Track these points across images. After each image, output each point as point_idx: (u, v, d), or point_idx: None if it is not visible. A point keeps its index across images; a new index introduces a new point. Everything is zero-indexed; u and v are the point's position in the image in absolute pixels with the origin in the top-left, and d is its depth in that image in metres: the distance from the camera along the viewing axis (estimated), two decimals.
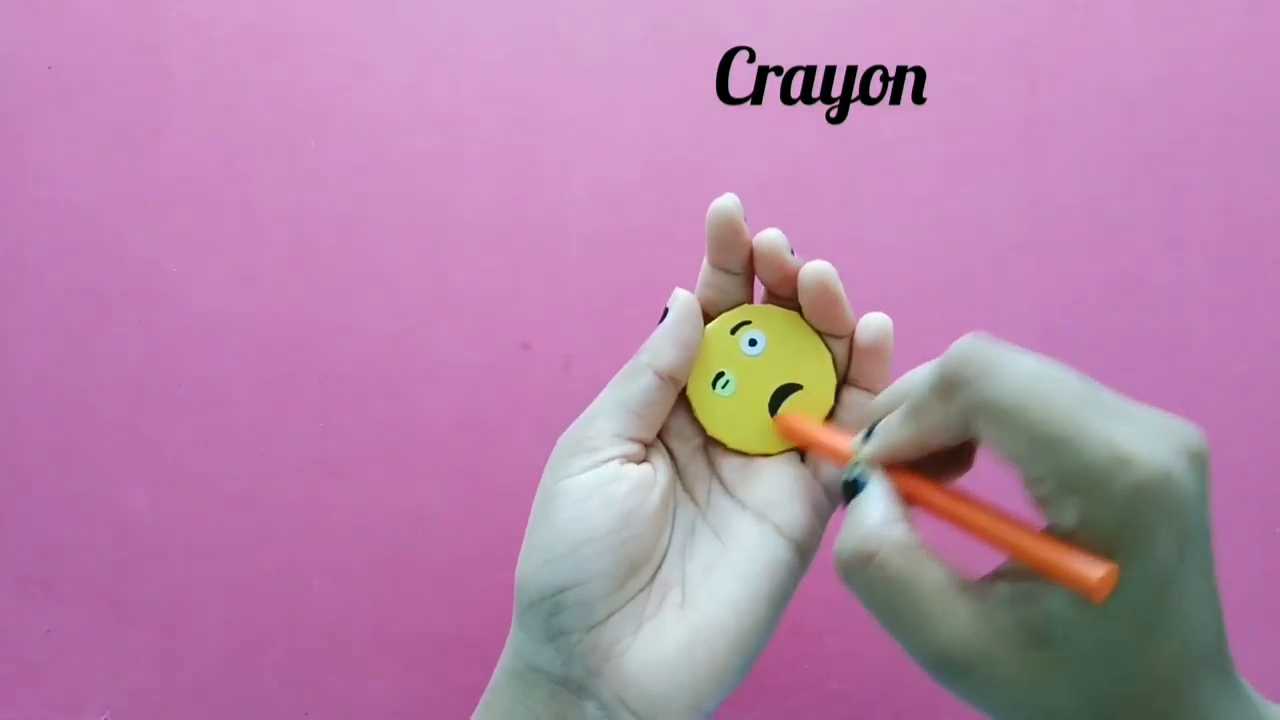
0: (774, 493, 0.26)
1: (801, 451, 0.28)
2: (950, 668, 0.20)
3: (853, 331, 0.27)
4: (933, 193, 0.45)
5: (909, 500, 0.23)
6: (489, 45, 0.46)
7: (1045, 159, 0.45)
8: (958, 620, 0.20)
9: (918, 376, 0.23)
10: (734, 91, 0.46)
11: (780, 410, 0.27)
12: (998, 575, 0.21)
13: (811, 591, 0.36)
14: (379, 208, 0.45)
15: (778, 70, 0.46)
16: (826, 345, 0.27)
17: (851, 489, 0.23)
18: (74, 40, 0.46)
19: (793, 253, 0.26)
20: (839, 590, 0.22)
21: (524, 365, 0.44)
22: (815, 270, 0.25)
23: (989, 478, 0.23)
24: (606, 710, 0.24)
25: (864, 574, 0.21)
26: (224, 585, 0.44)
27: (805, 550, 0.26)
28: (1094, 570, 0.18)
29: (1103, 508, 0.18)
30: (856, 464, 0.24)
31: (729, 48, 0.46)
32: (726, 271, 0.27)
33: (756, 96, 0.46)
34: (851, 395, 0.27)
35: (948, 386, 0.21)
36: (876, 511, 0.22)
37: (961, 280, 0.44)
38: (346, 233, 0.45)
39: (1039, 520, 0.20)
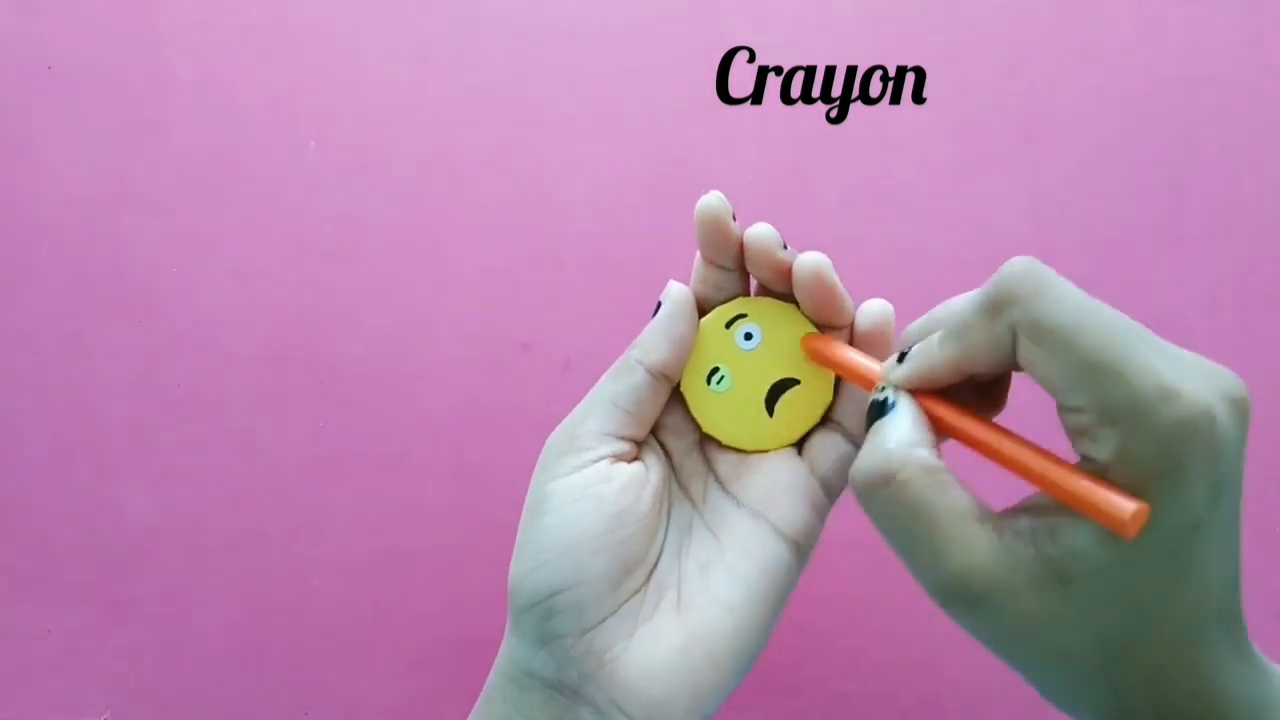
0: (771, 490, 0.26)
1: (799, 448, 0.27)
2: (963, 597, 0.20)
3: (851, 322, 0.26)
4: (933, 193, 0.45)
5: (937, 429, 0.22)
6: (489, 45, 0.46)
7: (1045, 159, 0.45)
8: (976, 549, 0.19)
9: (958, 301, 0.22)
10: (734, 92, 0.46)
11: (780, 402, 0.27)
12: (1022, 509, 0.20)
13: (814, 591, 0.36)
14: (379, 208, 0.45)
15: (778, 70, 0.45)
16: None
17: (877, 410, 0.22)
18: (74, 40, 0.46)
19: (785, 247, 0.25)
20: (841, 590, 0.22)
21: (524, 365, 0.44)
22: (809, 262, 0.25)
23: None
24: (602, 715, 0.24)
25: (882, 494, 0.20)
26: (224, 585, 0.44)
27: (804, 548, 0.26)
28: (1128, 505, 0.17)
29: (1143, 441, 0.18)
30: (886, 386, 0.23)
31: (729, 48, 0.46)
32: (719, 268, 0.26)
33: (756, 96, 0.46)
34: (847, 391, 0.27)
35: (998, 304, 0.20)
36: (901, 432, 0.21)
37: (961, 280, 0.44)
38: (346, 233, 0.45)
39: (1071, 457, 0.20)
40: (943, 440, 0.23)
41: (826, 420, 0.27)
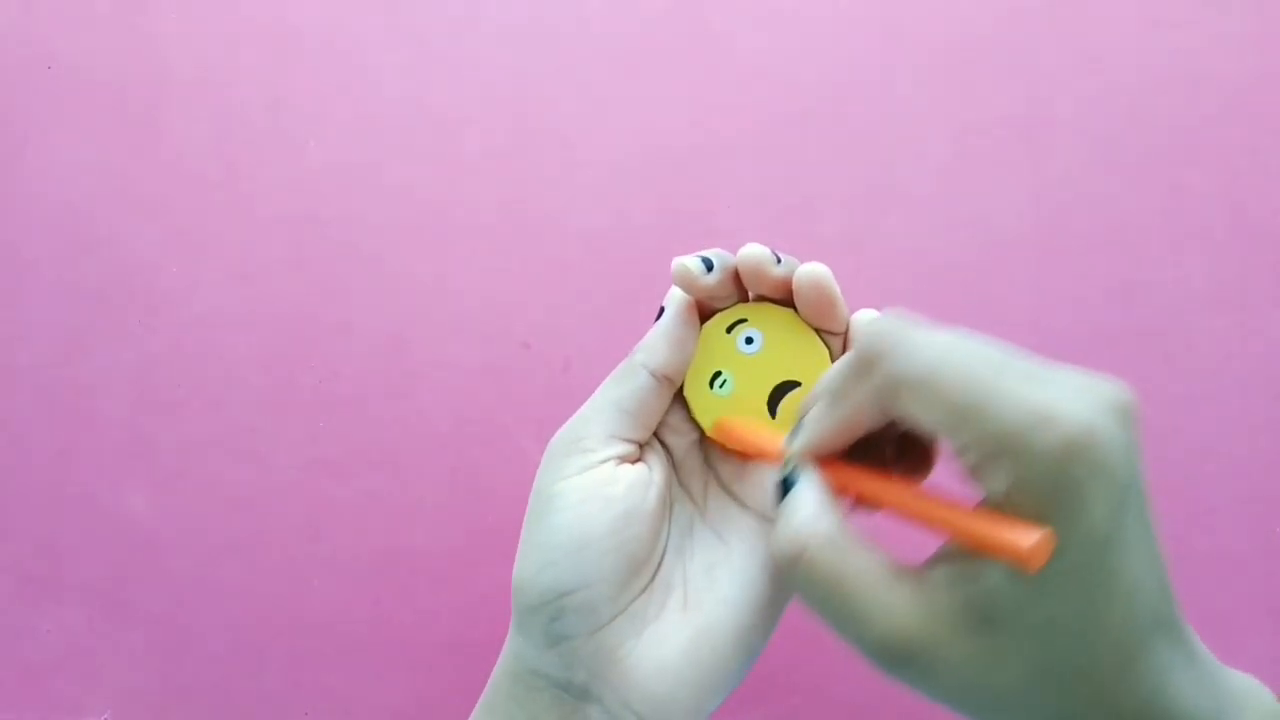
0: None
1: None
2: (893, 657, 0.20)
3: (846, 328, 0.27)
4: (933, 192, 0.45)
5: (843, 493, 0.22)
6: (489, 45, 0.46)
7: (1045, 158, 0.45)
8: (896, 608, 0.20)
9: (835, 366, 0.23)
10: (734, 91, 0.46)
11: (782, 404, 0.27)
12: (935, 560, 0.21)
13: None
14: (379, 208, 0.45)
15: (777, 70, 0.46)
16: (824, 342, 0.27)
17: (783, 489, 0.23)
18: (74, 40, 0.46)
19: (779, 261, 0.25)
20: None
21: (524, 365, 0.44)
22: (810, 273, 0.25)
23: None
24: (610, 714, 0.24)
25: (797, 572, 0.21)
26: (224, 585, 0.44)
27: None
28: (1027, 537, 0.18)
29: (1030, 470, 0.18)
30: (788, 462, 0.23)
31: (729, 48, 0.46)
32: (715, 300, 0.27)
33: (756, 96, 0.46)
34: None
35: (863, 365, 0.20)
36: (804, 507, 0.21)
37: (961, 280, 0.44)
38: (346, 233, 0.45)
39: (975, 497, 0.20)
40: (873, 508, 0.23)
41: None
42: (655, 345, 0.26)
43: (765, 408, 0.27)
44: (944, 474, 0.23)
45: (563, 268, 0.45)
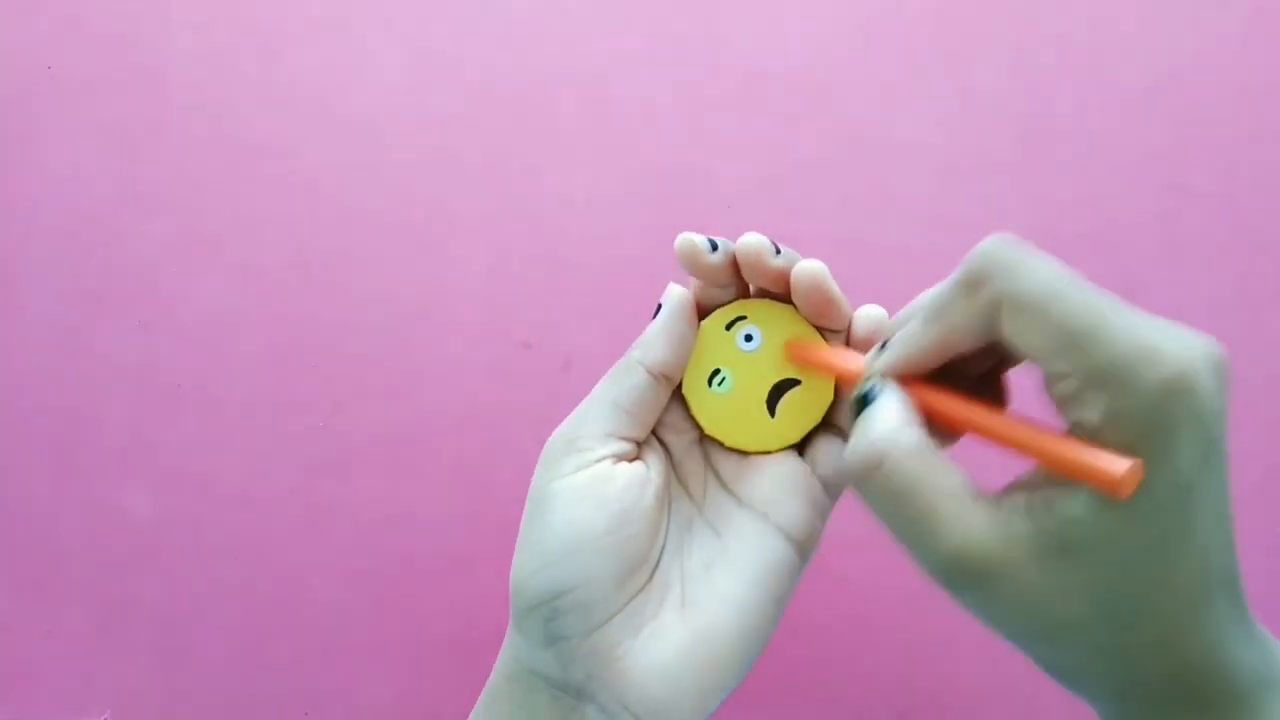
0: (774, 490, 0.26)
1: (800, 448, 0.28)
2: (963, 575, 0.19)
3: (846, 325, 0.26)
4: (933, 193, 0.45)
5: (926, 414, 0.22)
6: (489, 46, 0.46)
7: (1045, 159, 0.45)
8: (972, 526, 0.19)
9: (935, 287, 0.23)
10: (734, 92, 0.46)
11: (781, 402, 0.27)
12: (1015, 486, 0.20)
13: (812, 592, 0.36)
14: (379, 208, 0.45)
15: (777, 71, 0.46)
16: (824, 339, 0.27)
17: (862, 403, 0.22)
18: (74, 40, 0.46)
19: (778, 252, 0.25)
20: (840, 590, 0.22)
21: (524, 365, 0.44)
22: (807, 270, 0.25)
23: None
24: (607, 714, 0.24)
25: (874, 481, 0.20)
26: (224, 585, 0.44)
27: (806, 548, 0.26)
28: (1120, 463, 0.17)
29: (1130, 402, 0.18)
30: (869, 378, 0.23)
31: (728, 48, 0.46)
32: (716, 287, 0.27)
33: (756, 96, 0.46)
34: (851, 389, 0.27)
35: (974, 281, 0.20)
36: (887, 418, 0.21)
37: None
38: (346, 233, 0.45)
39: (1060, 427, 0.20)
40: (948, 439, 0.23)
41: (828, 421, 0.27)
42: (653, 342, 0.26)
43: (764, 406, 0.27)
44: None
45: (563, 268, 0.45)
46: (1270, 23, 0.45)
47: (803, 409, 0.27)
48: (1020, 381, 0.24)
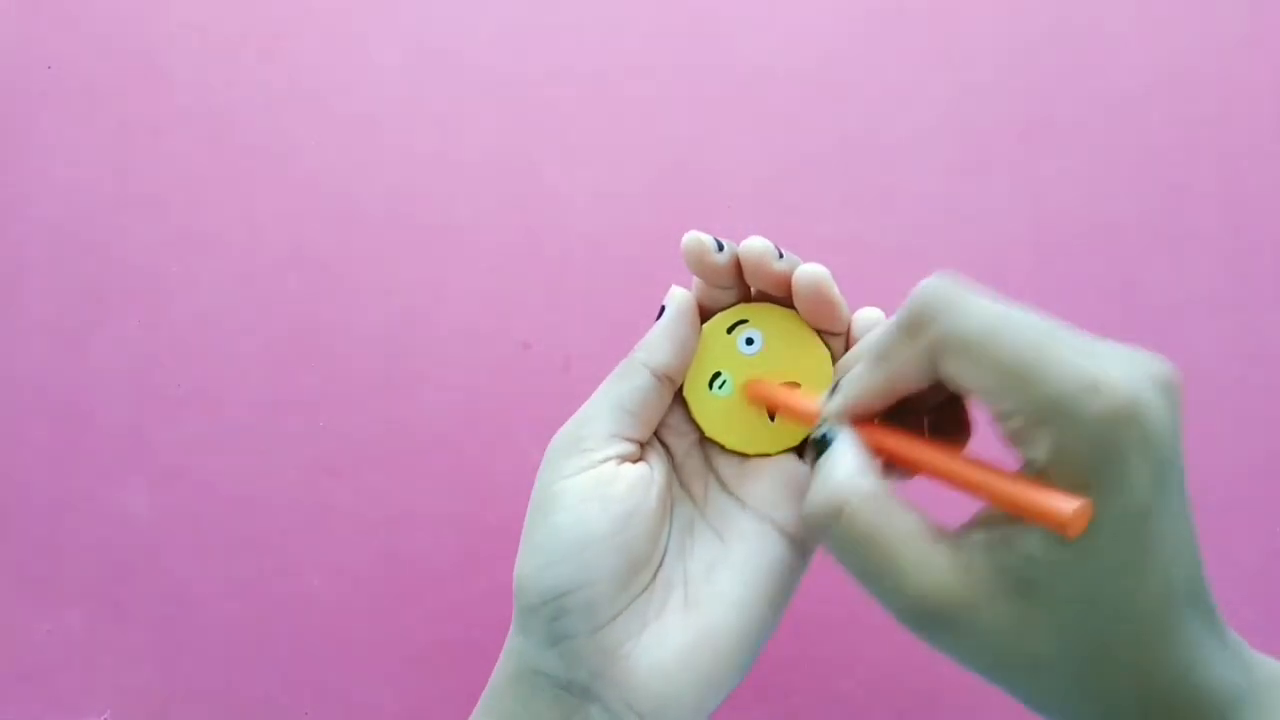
0: (774, 491, 0.26)
1: (799, 447, 0.28)
2: (928, 619, 0.20)
3: (846, 328, 0.27)
4: (933, 193, 0.45)
5: (880, 455, 0.22)
6: (489, 46, 0.46)
7: (1045, 159, 0.45)
8: (933, 569, 0.20)
9: (880, 327, 0.23)
10: (735, 92, 0.46)
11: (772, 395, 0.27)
12: (973, 524, 0.21)
13: (812, 592, 0.36)
14: (379, 208, 0.45)
15: (778, 71, 0.46)
16: (825, 343, 0.27)
17: (819, 447, 0.23)
18: (74, 40, 0.46)
19: (781, 256, 0.25)
20: (839, 590, 0.22)
21: (524, 365, 0.44)
22: (809, 274, 0.25)
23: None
24: (611, 713, 0.24)
25: (834, 530, 0.21)
26: (224, 585, 0.44)
27: (806, 548, 0.26)
28: (1067, 504, 0.18)
29: (1075, 437, 0.18)
30: (824, 421, 0.23)
31: (728, 48, 0.46)
32: (717, 288, 0.27)
33: (757, 96, 0.46)
34: None
35: (914, 324, 0.20)
36: (844, 464, 0.21)
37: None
38: (346, 233, 0.45)
39: (1014, 464, 0.20)
40: (904, 475, 0.23)
41: None
42: (656, 344, 0.26)
43: (765, 410, 0.27)
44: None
45: (563, 268, 0.45)
46: (1270, 23, 0.45)
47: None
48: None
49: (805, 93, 0.46)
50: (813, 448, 0.23)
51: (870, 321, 0.27)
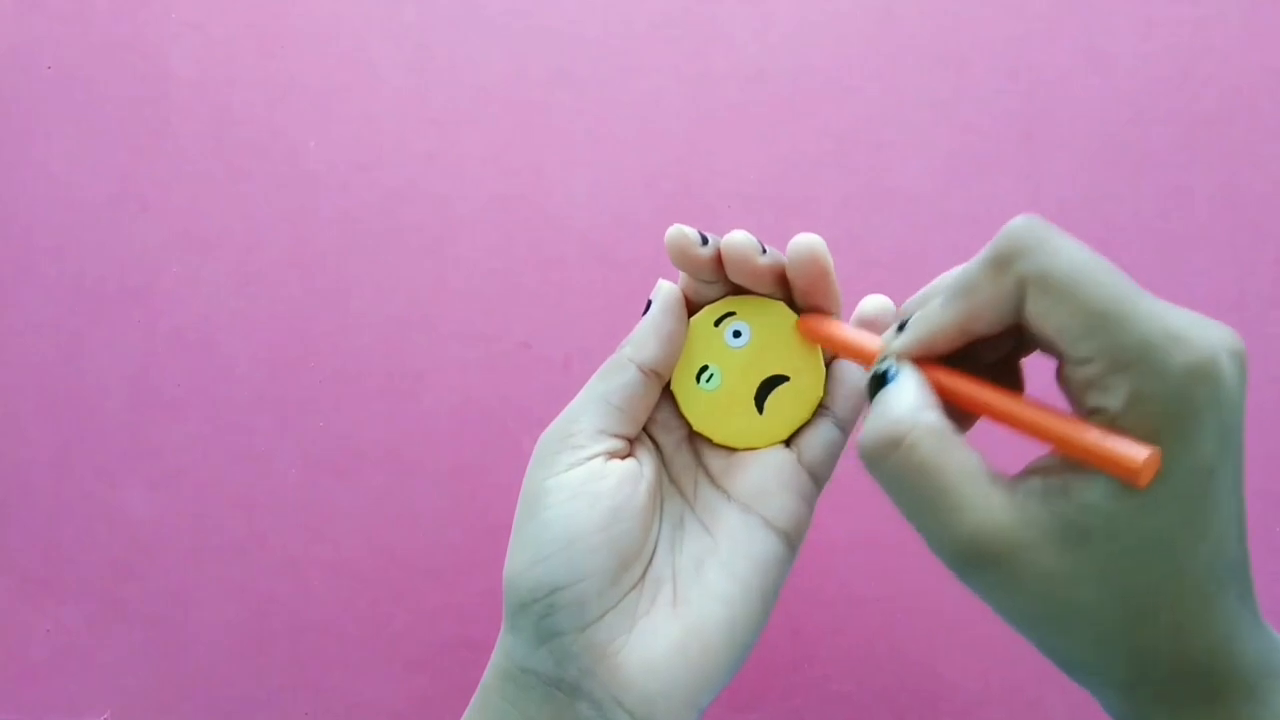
0: (761, 483, 0.26)
1: (787, 441, 0.27)
2: (978, 558, 0.19)
3: (837, 309, 0.26)
4: (933, 193, 0.45)
5: (943, 396, 0.22)
6: (489, 46, 0.46)
7: (1045, 159, 0.45)
8: (990, 508, 0.19)
9: (958, 268, 0.22)
10: (734, 92, 0.46)
11: (769, 399, 0.27)
12: (1032, 471, 0.20)
13: (811, 592, 0.36)
14: (379, 208, 0.45)
15: (777, 71, 0.46)
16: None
17: (879, 382, 0.22)
18: (74, 40, 0.46)
19: (764, 251, 0.25)
20: (838, 591, 0.22)
21: (524, 365, 0.44)
22: (805, 242, 0.25)
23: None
24: (601, 710, 0.24)
25: (891, 460, 0.20)
26: (224, 585, 0.44)
27: (794, 539, 0.26)
28: (1139, 452, 0.17)
29: (1155, 386, 0.18)
30: (887, 357, 0.22)
31: (729, 47, 0.46)
32: (703, 282, 0.27)
33: (756, 97, 0.46)
34: (839, 376, 0.27)
35: (1002, 259, 0.20)
36: (906, 397, 0.21)
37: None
38: (346, 233, 0.45)
39: (1078, 414, 0.19)
40: (963, 424, 0.23)
41: (816, 407, 0.27)
42: (643, 339, 0.26)
43: (753, 402, 0.27)
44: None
45: (563, 268, 0.45)
46: (1270, 23, 0.45)
47: (791, 405, 0.27)
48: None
49: (805, 93, 0.46)
50: (871, 383, 0.22)
51: (877, 308, 0.26)
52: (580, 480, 0.24)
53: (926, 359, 0.22)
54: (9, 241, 0.45)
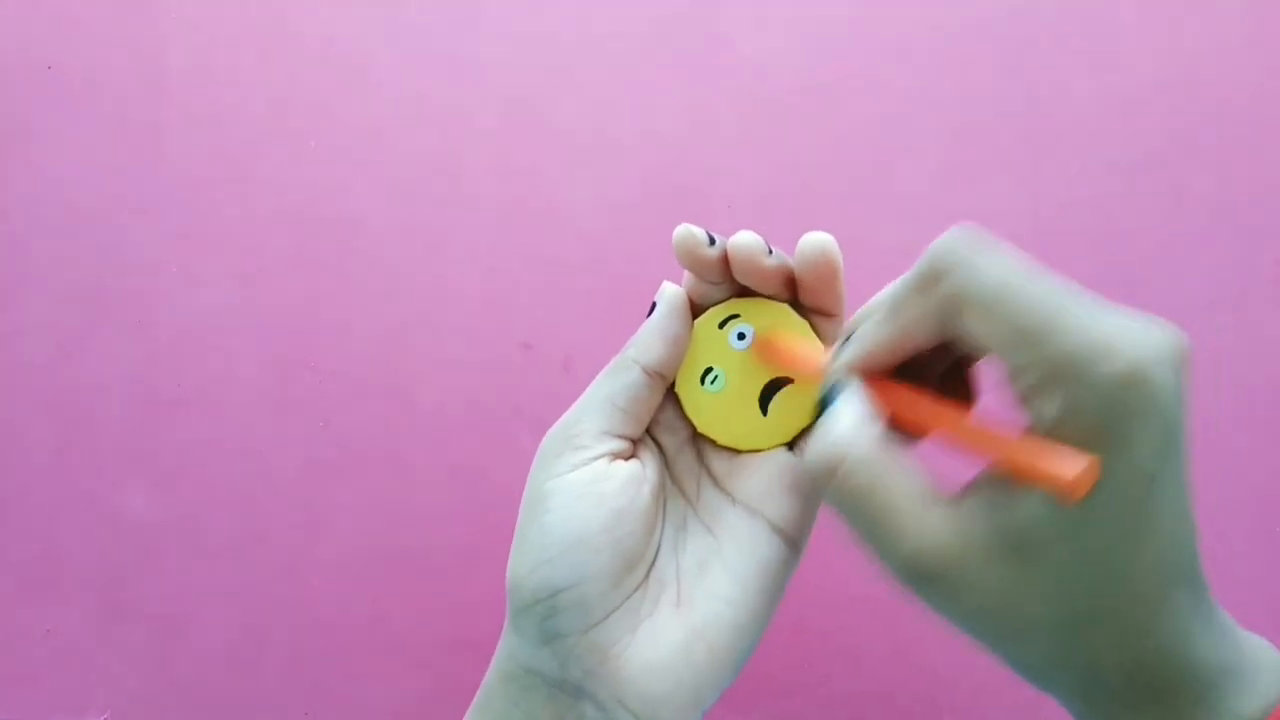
0: (764, 486, 0.26)
1: (791, 443, 0.28)
2: (922, 576, 0.20)
3: (842, 311, 0.26)
4: (933, 192, 0.45)
5: (888, 412, 0.22)
6: (489, 45, 0.46)
7: (1045, 159, 0.45)
8: (930, 527, 0.20)
9: (893, 284, 0.23)
10: (734, 92, 0.46)
11: (773, 401, 0.27)
12: (972, 487, 0.21)
13: (812, 591, 0.36)
14: (379, 207, 0.45)
15: (777, 71, 0.46)
16: (818, 337, 0.27)
17: (826, 402, 0.23)
18: (74, 40, 0.46)
19: (770, 252, 0.25)
20: (839, 590, 0.22)
21: (524, 365, 0.44)
22: (816, 240, 0.24)
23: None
24: (604, 711, 0.24)
25: (833, 483, 0.21)
26: (224, 585, 0.44)
27: (798, 542, 0.26)
28: (1073, 465, 0.18)
29: (1086, 396, 0.18)
30: (832, 375, 0.23)
31: (729, 47, 0.46)
32: (708, 283, 0.27)
33: (756, 97, 0.46)
34: None
35: (931, 276, 0.20)
36: (846, 418, 0.21)
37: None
38: (346, 233, 0.45)
39: (1022, 428, 0.20)
40: (913, 438, 0.23)
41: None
42: (648, 341, 0.26)
43: (757, 405, 0.27)
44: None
45: (563, 268, 0.45)
46: (1270, 23, 0.45)
47: (795, 408, 0.27)
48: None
49: (805, 93, 0.46)
50: (820, 403, 0.23)
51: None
52: (584, 482, 0.24)
53: (873, 374, 0.22)
54: (9, 241, 0.45)
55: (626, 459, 0.26)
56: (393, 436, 0.44)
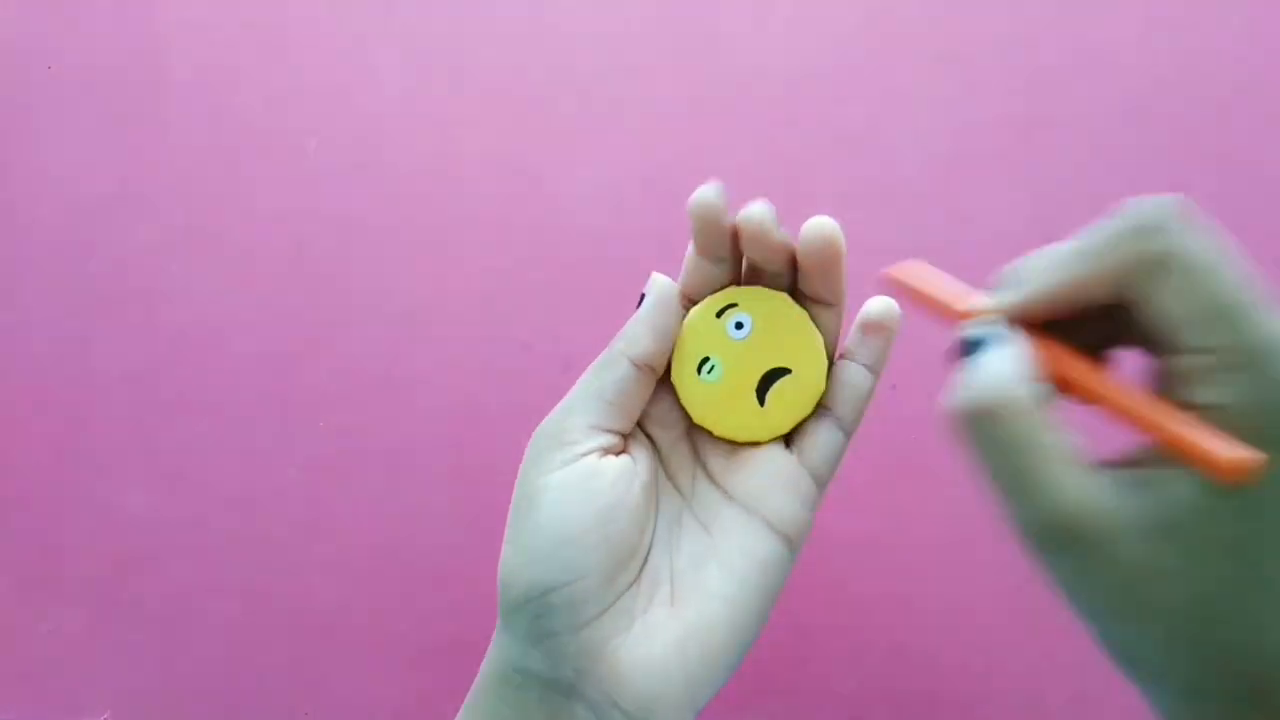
0: (762, 484, 0.26)
1: (787, 438, 0.27)
2: (1059, 538, 0.19)
3: (842, 301, 0.26)
4: (932, 191, 0.45)
5: (1044, 366, 0.21)
6: (489, 46, 0.46)
7: (1045, 159, 0.45)
8: (1079, 489, 0.18)
9: (1078, 236, 0.21)
10: (733, 92, 0.46)
11: (771, 391, 0.26)
12: (1125, 460, 0.20)
13: (811, 591, 0.36)
14: (379, 208, 0.45)
15: (777, 71, 0.46)
16: (816, 326, 0.26)
17: (975, 345, 0.21)
18: (74, 40, 0.46)
19: (779, 227, 0.25)
20: (839, 589, 0.22)
21: (524, 365, 0.44)
22: (820, 224, 0.24)
23: None
24: (597, 711, 0.23)
25: (983, 428, 0.19)
26: (224, 585, 0.44)
27: (794, 541, 0.26)
28: (1240, 453, 0.17)
29: (1268, 390, 0.17)
30: (987, 314, 0.21)
31: (727, 49, 0.46)
32: (713, 259, 0.26)
33: (756, 96, 0.46)
34: (842, 377, 0.27)
35: (1146, 228, 0.19)
36: (1007, 364, 0.20)
37: (961, 279, 0.44)
38: (346, 233, 0.45)
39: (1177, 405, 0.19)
40: (1057, 397, 0.22)
41: (817, 407, 0.27)
42: (636, 333, 0.25)
43: (754, 395, 0.26)
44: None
45: (563, 268, 0.45)
46: (1270, 23, 0.45)
47: (793, 398, 0.26)
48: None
49: (804, 93, 0.46)
50: (965, 344, 0.21)
51: (881, 308, 0.26)
52: (574, 478, 0.24)
53: (1028, 322, 0.21)
54: (9, 241, 0.45)
55: (617, 454, 0.25)
56: (393, 436, 0.44)
